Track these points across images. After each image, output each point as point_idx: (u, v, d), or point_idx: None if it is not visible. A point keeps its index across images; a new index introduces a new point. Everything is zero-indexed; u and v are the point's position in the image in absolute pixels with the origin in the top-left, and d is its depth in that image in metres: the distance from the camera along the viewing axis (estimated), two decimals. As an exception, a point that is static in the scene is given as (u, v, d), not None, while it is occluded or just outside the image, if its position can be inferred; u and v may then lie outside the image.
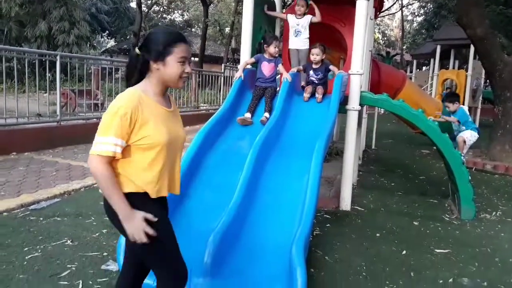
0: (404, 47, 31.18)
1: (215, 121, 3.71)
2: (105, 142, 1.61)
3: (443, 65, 16.72)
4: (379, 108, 10.21)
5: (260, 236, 2.88)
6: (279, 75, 4.41)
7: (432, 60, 15.04)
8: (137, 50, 1.73)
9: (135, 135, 1.66)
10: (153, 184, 1.73)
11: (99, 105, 9.03)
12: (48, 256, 3.03)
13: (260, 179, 3.28)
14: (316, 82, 4.46)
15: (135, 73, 1.74)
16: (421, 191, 5.56)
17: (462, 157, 4.71)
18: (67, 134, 7.03)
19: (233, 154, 3.59)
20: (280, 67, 4.33)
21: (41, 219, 3.74)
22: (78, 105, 9.48)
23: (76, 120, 7.67)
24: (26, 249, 3.13)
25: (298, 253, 2.44)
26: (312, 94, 4.40)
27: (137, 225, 1.64)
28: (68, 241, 3.30)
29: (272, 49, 4.31)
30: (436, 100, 10.39)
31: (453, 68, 14.51)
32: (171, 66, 1.71)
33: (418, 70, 22.07)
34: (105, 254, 3.12)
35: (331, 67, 4.52)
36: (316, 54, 4.47)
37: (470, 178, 4.43)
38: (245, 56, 4.71)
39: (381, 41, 40.29)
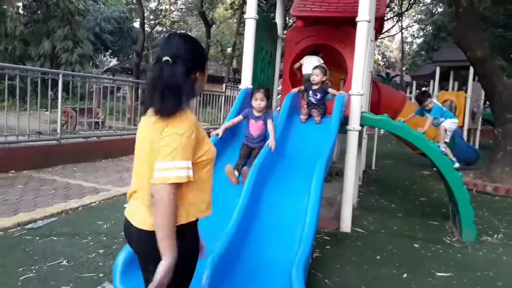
0: (404, 68, 31.45)
1: (215, 140, 3.70)
2: (176, 167, 1.46)
3: (443, 86, 16.82)
4: (379, 129, 10.22)
5: (260, 258, 2.84)
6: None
7: (431, 81, 15.13)
8: (168, 58, 1.53)
9: (196, 152, 1.55)
10: (207, 203, 1.68)
11: (100, 123, 9.05)
12: (43, 277, 2.98)
13: (260, 200, 3.26)
14: (315, 102, 4.46)
15: (183, 85, 1.52)
16: (421, 212, 5.51)
17: (442, 148, 4.73)
18: (67, 153, 7.02)
19: (233, 174, 3.57)
20: (270, 126, 3.69)
21: (37, 238, 3.70)
22: (79, 123, 9.51)
23: (77, 138, 7.68)
24: (20, 269, 3.08)
25: (298, 276, 2.40)
26: (310, 115, 4.40)
27: (167, 278, 1.50)
28: (64, 262, 3.26)
29: (254, 102, 3.71)
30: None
31: (453, 89, 14.57)
32: (205, 74, 1.68)
33: (418, 91, 22.18)
34: (101, 275, 3.07)
35: (329, 90, 4.52)
36: (316, 75, 4.47)
37: (471, 200, 4.40)
38: (247, 75, 4.73)
39: (381, 62, 40.67)
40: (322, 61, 5.62)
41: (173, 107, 1.51)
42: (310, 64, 5.74)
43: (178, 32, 1.70)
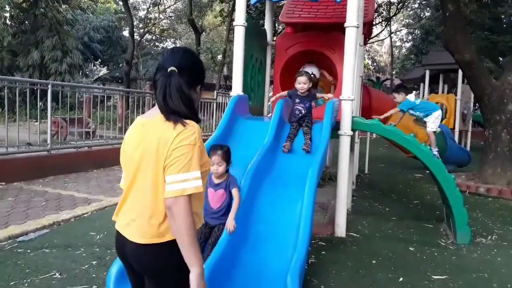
0: (394, 72, 31.74)
1: (208, 148, 3.67)
2: (193, 178, 1.47)
3: (433, 89, 16.98)
4: (371, 133, 10.27)
5: (254, 266, 2.82)
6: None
7: (421, 84, 15.27)
8: (175, 69, 1.55)
9: (200, 163, 1.54)
10: (201, 215, 1.66)
11: (91, 133, 8.98)
12: (35, 290, 2.93)
13: (253, 208, 3.24)
14: (303, 112, 4.11)
15: (188, 96, 1.56)
16: (415, 215, 5.53)
17: (435, 152, 4.77)
18: (58, 163, 6.95)
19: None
20: (235, 196, 2.87)
21: (29, 251, 3.64)
22: (70, 134, 9.42)
23: (67, 148, 7.60)
24: (12, 283, 3.02)
25: (293, 282, 2.39)
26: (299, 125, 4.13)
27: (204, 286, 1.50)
28: (57, 274, 3.20)
29: (215, 167, 2.86)
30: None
31: (443, 92, 14.72)
32: (200, 92, 1.70)
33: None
34: (94, 287, 3.02)
35: (318, 94, 4.36)
36: (303, 83, 4.08)
37: (464, 202, 4.42)
38: (237, 82, 4.72)
39: (371, 66, 41.00)
40: (320, 70, 5.70)
41: (188, 110, 1.54)
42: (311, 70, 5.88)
43: (181, 46, 1.72)
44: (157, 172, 1.50)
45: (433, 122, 5.67)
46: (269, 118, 4.75)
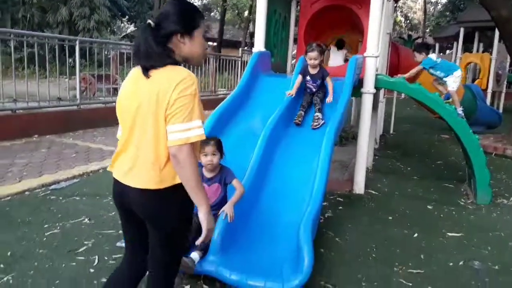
0: (428, 30, 30.40)
1: (227, 104, 3.73)
2: (195, 127, 1.53)
3: (468, 48, 16.26)
4: (398, 93, 10.05)
5: (270, 216, 2.93)
6: None
7: (455, 43, 14.64)
8: (150, 21, 1.58)
9: None
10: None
11: (118, 89, 9.17)
12: (66, 233, 3.16)
13: (271, 161, 3.32)
14: (314, 90, 4.06)
15: (157, 49, 1.55)
16: (437, 176, 5.50)
17: (460, 111, 4.68)
18: (87, 118, 7.19)
19: (245, 137, 3.62)
20: (237, 184, 2.64)
21: (61, 198, 3.88)
22: (98, 90, 9.65)
23: (96, 104, 7.82)
24: (46, 226, 3.26)
25: (306, 233, 2.48)
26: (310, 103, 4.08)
27: (213, 222, 1.64)
28: (86, 219, 3.43)
29: (203, 158, 2.61)
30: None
31: (477, 51, 14.08)
32: (198, 40, 1.65)
33: (441, 54, 21.53)
34: (120, 232, 3.18)
35: (327, 79, 4.04)
36: (314, 59, 3.95)
37: (487, 162, 4.36)
38: (259, 38, 4.68)
39: (403, 24, 39.36)
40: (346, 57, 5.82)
41: (163, 60, 1.56)
42: (336, 60, 5.84)
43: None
44: (157, 121, 1.53)
45: (453, 82, 5.48)
46: (291, 75, 4.73)
